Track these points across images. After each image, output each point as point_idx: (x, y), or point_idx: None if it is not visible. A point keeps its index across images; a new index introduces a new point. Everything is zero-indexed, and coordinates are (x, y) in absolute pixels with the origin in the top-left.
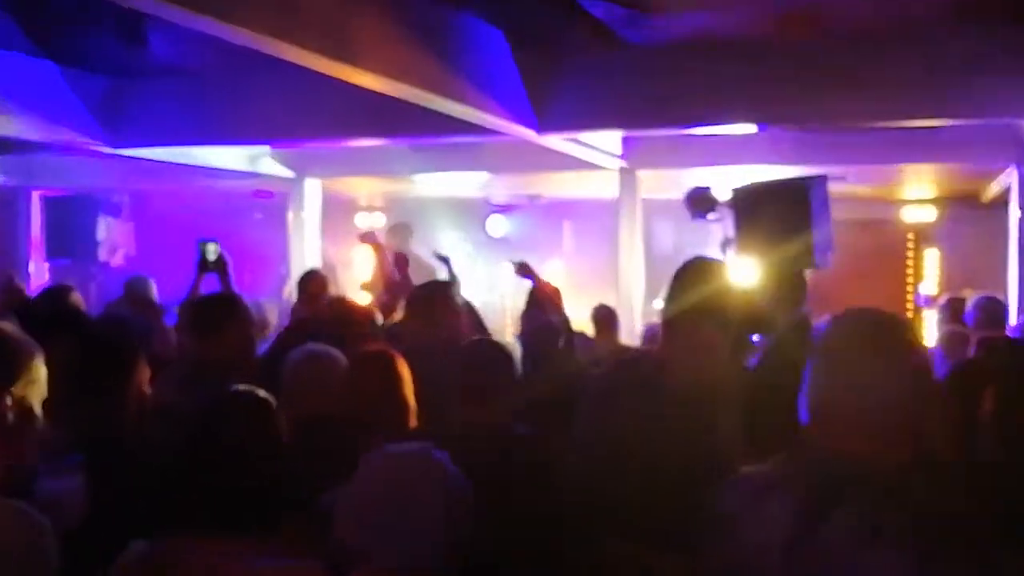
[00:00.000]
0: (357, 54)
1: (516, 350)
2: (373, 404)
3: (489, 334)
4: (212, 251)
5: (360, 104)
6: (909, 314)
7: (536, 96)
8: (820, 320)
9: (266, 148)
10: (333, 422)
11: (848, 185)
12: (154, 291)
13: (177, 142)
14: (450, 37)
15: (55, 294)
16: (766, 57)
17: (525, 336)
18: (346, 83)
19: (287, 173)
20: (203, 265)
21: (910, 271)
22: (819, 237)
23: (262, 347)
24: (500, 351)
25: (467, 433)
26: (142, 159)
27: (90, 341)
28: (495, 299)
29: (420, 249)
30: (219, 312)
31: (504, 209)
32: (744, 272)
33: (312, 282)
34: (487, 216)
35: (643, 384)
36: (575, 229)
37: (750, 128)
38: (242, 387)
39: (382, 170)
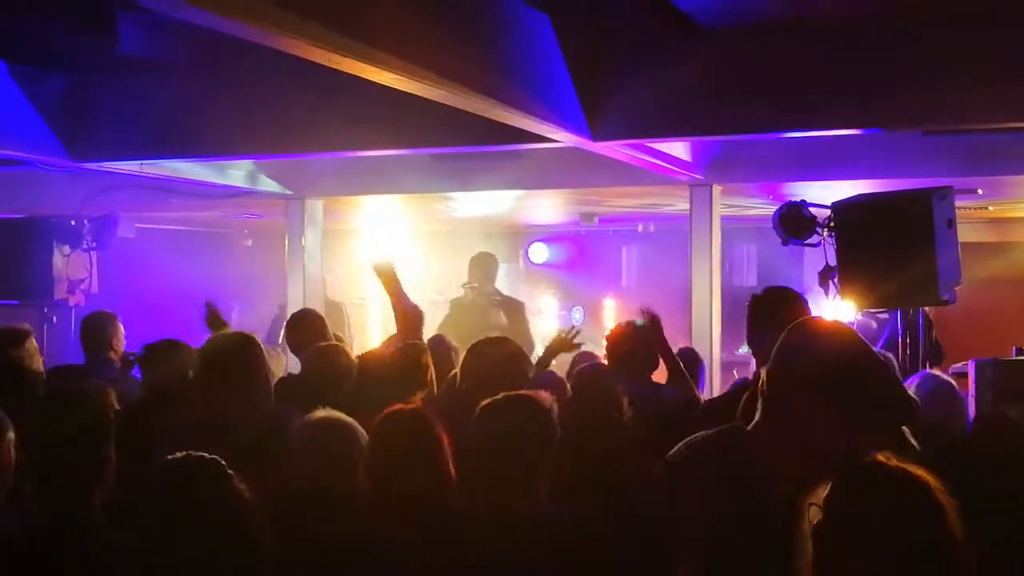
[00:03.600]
0: (373, 45)
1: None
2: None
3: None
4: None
5: (375, 106)
6: None
7: (589, 95)
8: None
9: (259, 162)
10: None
11: (980, 200)
12: (120, 333)
13: (149, 155)
14: (486, 24)
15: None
16: (879, 41)
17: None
18: (359, 80)
19: (283, 191)
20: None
21: None
22: (944, 264)
23: None
24: (534, 410)
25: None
26: (106, 175)
27: (43, 417)
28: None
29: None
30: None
31: (550, 237)
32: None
33: (301, 327)
34: (528, 243)
35: (721, 479)
36: (637, 256)
37: (855, 131)
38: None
39: (399, 188)
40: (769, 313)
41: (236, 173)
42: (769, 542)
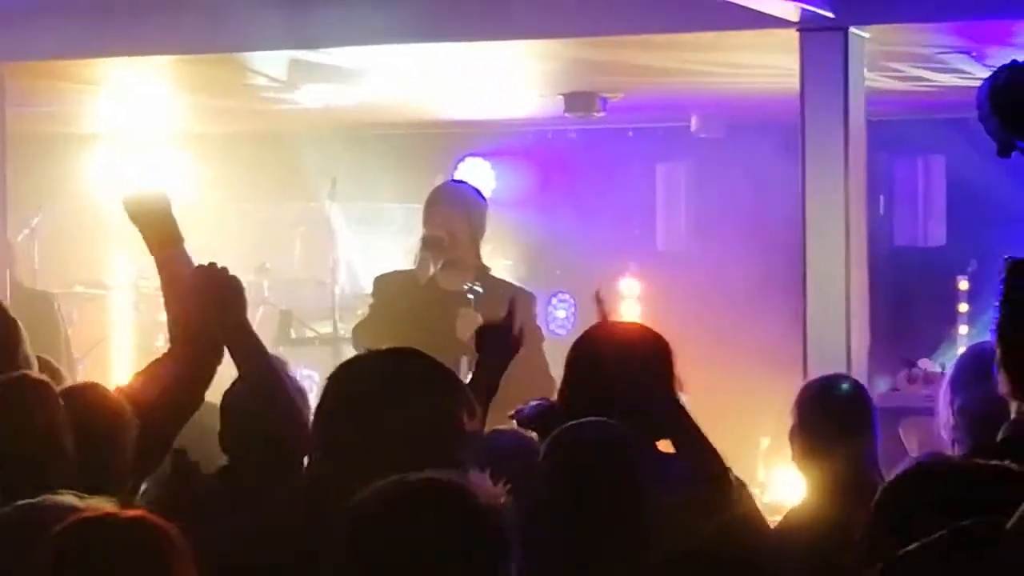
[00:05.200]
0: None
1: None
2: None
3: None
4: None
5: None
6: None
7: None
8: None
9: None
10: None
11: None
12: None
13: None
14: None
15: None
16: None
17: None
18: None
19: None
20: None
21: None
22: None
23: None
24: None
25: None
26: None
27: None
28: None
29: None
30: None
31: (502, 148)
32: None
33: None
34: (457, 159)
35: None
36: (688, 185)
37: None
38: None
39: (169, 43)
40: None
41: None
42: None
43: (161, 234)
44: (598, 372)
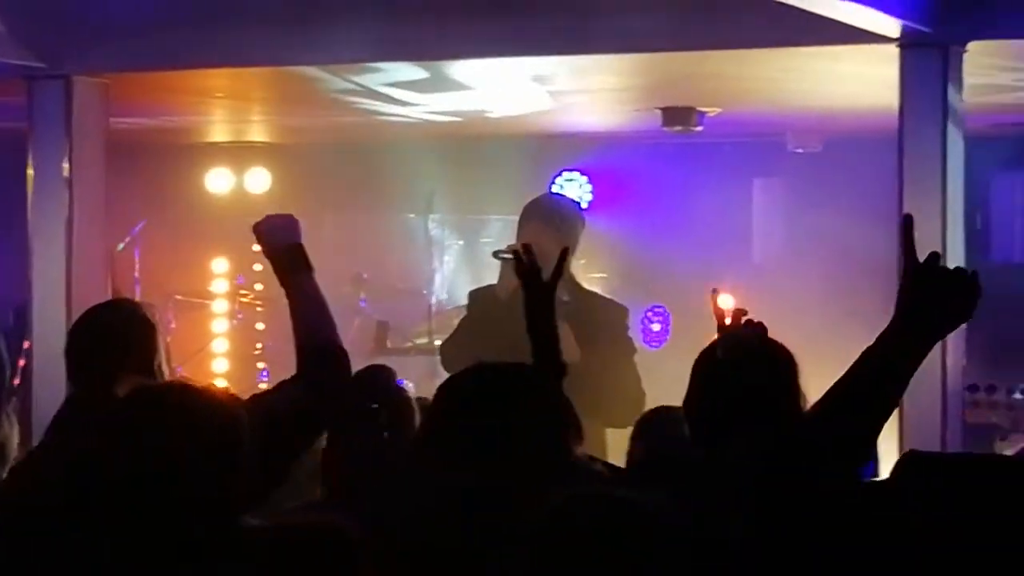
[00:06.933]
0: None
1: None
2: None
3: None
4: None
5: None
6: None
7: None
8: None
9: None
10: None
11: None
12: None
13: None
14: None
15: None
16: None
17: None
18: None
19: (26, 63)
20: None
21: None
22: None
23: None
24: None
25: None
26: None
27: None
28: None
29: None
30: None
31: (596, 162)
32: None
33: (111, 339)
34: (554, 173)
35: None
36: (784, 201)
37: None
38: None
39: (279, 53)
40: None
41: None
42: None
43: (289, 261)
44: (726, 382)
